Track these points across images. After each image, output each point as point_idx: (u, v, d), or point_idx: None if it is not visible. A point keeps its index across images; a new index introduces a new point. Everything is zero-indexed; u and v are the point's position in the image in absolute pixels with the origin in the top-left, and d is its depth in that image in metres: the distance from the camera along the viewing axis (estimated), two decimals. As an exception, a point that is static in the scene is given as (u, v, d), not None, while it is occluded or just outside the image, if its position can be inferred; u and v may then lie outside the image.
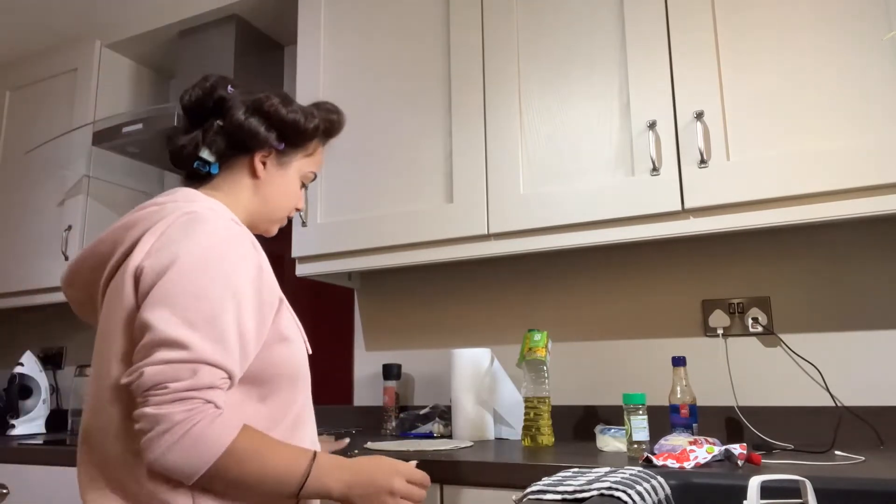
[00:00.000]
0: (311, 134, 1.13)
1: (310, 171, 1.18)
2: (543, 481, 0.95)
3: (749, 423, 1.57)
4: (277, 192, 1.13)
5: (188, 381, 0.83)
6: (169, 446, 0.82)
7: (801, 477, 0.86)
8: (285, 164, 1.13)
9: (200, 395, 0.84)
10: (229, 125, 1.07)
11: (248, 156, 1.09)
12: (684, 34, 1.48)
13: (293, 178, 1.15)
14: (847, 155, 1.29)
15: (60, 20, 2.47)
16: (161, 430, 0.82)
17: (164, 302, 0.86)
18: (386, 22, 1.88)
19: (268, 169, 1.11)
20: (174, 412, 0.82)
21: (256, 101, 1.08)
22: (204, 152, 1.07)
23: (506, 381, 1.73)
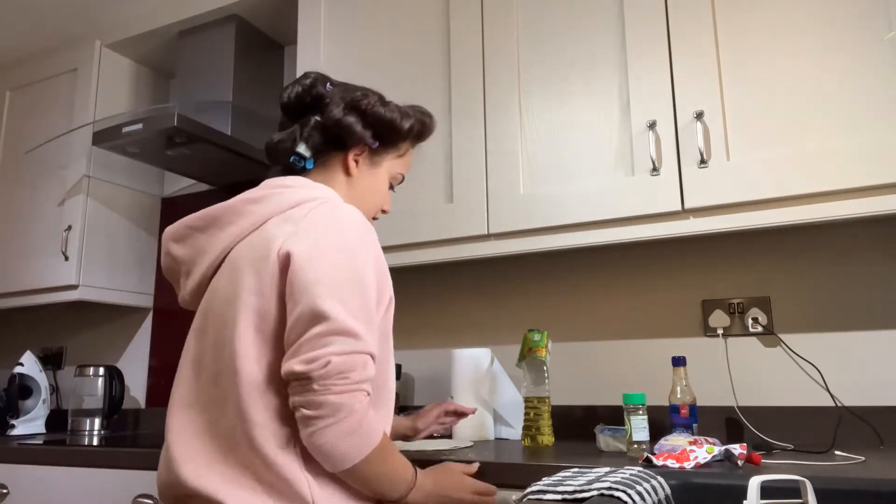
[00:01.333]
0: (405, 134, 1.16)
1: (399, 173, 1.20)
2: (543, 481, 0.95)
3: (749, 423, 1.57)
4: (369, 190, 1.15)
5: (363, 372, 0.89)
6: (345, 434, 0.87)
7: (801, 477, 0.86)
8: (377, 163, 1.16)
9: (367, 388, 0.90)
10: (326, 121, 1.09)
11: (343, 153, 1.12)
12: (684, 34, 1.48)
13: (383, 178, 1.17)
14: (847, 155, 1.29)
15: (60, 20, 2.47)
16: (341, 418, 0.87)
17: (334, 293, 0.90)
18: (386, 22, 1.88)
19: (360, 167, 1.13)
20: (353, 403, 0.88)
21: (354, 99, 1.11)
22: (301, 147, 1.10)
23: (506, 381, 1.73)
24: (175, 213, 2.61)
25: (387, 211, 1.22)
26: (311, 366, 0.87)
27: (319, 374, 0.86)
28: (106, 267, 2.38)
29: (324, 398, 0.86)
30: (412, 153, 1.24)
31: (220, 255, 1.01)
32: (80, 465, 1.73)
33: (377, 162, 1.16)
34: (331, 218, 0.97)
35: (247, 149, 2.15)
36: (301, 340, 0.89)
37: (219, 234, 1.02)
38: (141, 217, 2.55)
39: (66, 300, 2.31)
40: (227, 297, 0.97)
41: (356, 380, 0.88)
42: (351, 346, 0.89)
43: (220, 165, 2.23)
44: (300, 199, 1.01)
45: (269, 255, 0.94)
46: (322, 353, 0.87)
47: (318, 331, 0.88)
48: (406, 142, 1.19)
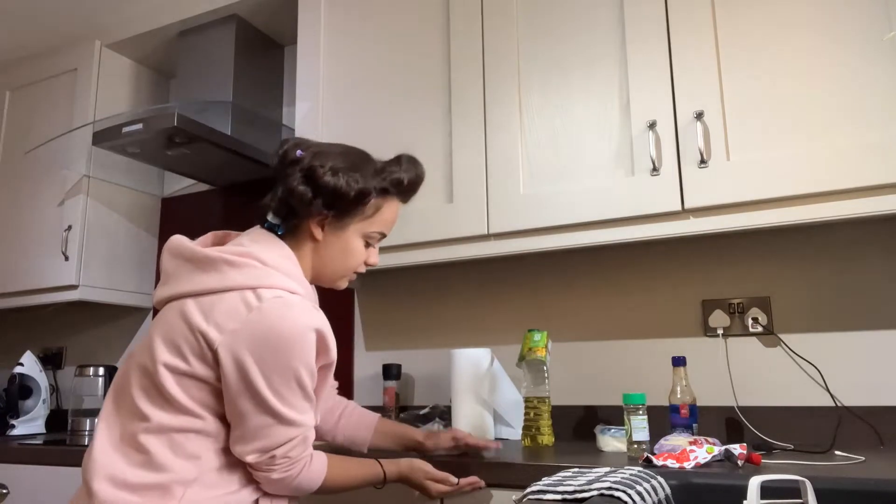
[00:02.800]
0: (355, 200, 1.13)
1: (374, 232, 1.19)
2: (543, 481, 0.95)
3: (749, 423, 1.57)
4: (335, 254, 1.17)
5: (305, 450, 1.06)
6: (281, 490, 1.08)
7: (801, 477, 0.86)
8: (342, 227, 1.16)
9: (308, 454, 1.07)
10: (284, 192, 1.12)
11: (306, 220, 1.14)
12: (684, 34, 1.48)
13: (351, 241, 1.17)
14: (847, 155, 1.29)
15: (60, 20, 2.47)
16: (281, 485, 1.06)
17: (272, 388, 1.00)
18: (386, 22, 1.88)
19: (326, 232, 1.15)
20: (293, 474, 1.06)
21: (310, 169, 1.11)
22: (270, 215, 1.15)
23: (506, 381, 1.73)
24: (175, 213, 2.61)
25: (372, 264, 1.23)
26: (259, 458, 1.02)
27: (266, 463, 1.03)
28: (106, 267, 2.38)
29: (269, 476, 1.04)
30: (393, 207, 1.21)
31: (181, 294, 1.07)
32: (80, 466, 1.73)
33: (342, 227, 1.16)
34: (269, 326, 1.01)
35: (247, 149, 2.15)
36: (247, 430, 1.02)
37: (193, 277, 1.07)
38: (141, 217, 2.55)
39: (66, 300, 2.31)
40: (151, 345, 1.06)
41: (298, 457, 1.05)
42: (293, 433, 1.03)
43: (220, 165, 2.24)
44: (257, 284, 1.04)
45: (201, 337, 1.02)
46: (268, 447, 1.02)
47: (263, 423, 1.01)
48: (367, 205, 1.16)
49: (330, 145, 1.19)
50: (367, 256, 1.21)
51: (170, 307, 1.07)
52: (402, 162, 1.21)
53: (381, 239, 1.21)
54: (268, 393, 1.00)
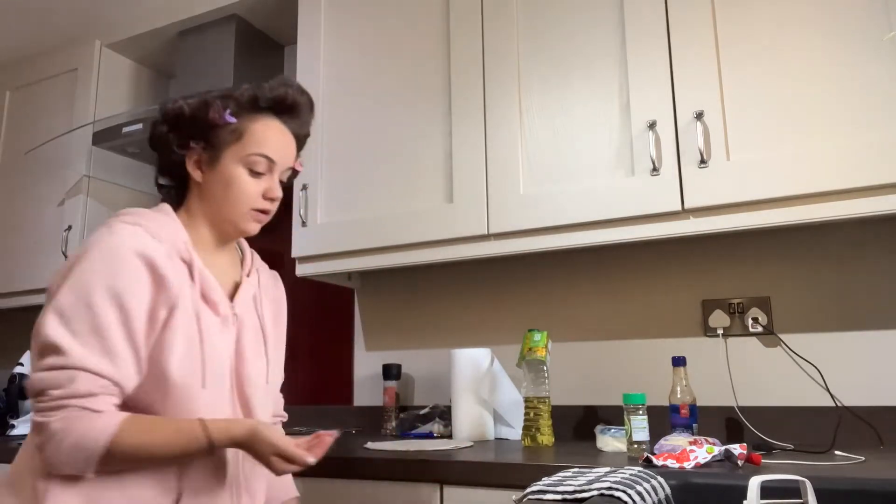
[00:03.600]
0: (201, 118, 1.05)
1: (250, 155, 1.06)
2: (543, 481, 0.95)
3: (749, 423, 1.57)
4: (219, 190, 1.07)
5: (65, 388, 0.88)
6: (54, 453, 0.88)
7: (801, 477, 0.86)
8: (214, 158, 1.07)
9: (77, 403, 0.88)
10: (151, 142, 1.10)
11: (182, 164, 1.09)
12: (684, 34, 1.48)
13: (230, 171, 1.06)
14: (847, 155, 1.29)
15: (60, 20, 2.47)
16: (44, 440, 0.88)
17: (56, 308, 0.90)
18: (386, 22, 1.88)
19: (203, 170, 1.08)
20: (51, 421, 0.88)
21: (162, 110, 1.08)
22: (159, 178, 1.13)
23: (506, 381, 1.73)
24: (175, 213, 2.61)
25: (272, 197, 1.09)
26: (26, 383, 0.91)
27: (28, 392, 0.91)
28: (106, 267, 2.37)
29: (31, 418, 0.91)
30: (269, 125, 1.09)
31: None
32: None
33: (216, 159, 1.07)
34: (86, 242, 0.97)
35: (247, 149, 2.15)
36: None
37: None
38: (141, 217, 2.55)
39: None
40: None
41: (54, 397, 0.88)
42: (53, 361, 0.89)
43: (220, 165, 2.23)
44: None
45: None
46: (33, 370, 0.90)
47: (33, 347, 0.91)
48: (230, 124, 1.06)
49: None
50: (261, 188, 1.08)
51: None
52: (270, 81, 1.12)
53: (269, 165, 1.08)
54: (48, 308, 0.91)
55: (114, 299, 0.92)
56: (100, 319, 0.90)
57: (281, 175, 1.11)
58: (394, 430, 1.90)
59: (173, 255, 0.99)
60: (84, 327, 0.90)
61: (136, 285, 0.93)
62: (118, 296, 0.92)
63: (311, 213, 1.88)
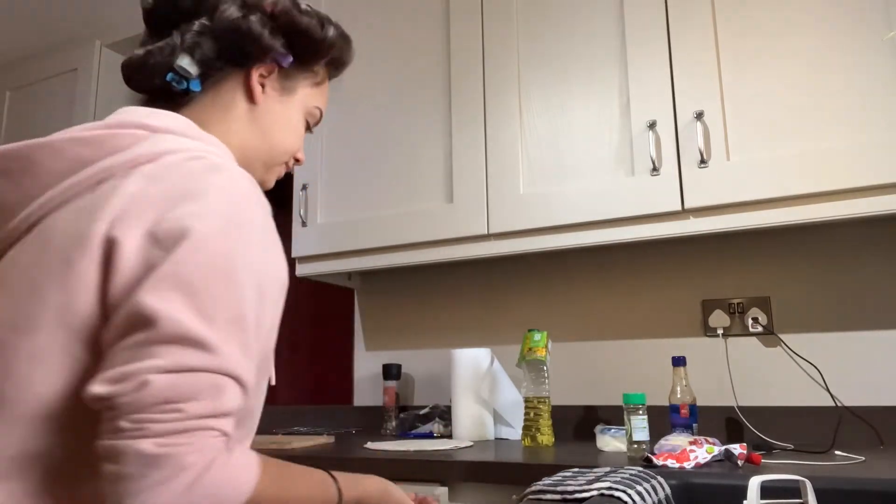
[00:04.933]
0: (326, 48, 0.89)
1: (315, 106, 0.92)
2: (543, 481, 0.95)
3: (749, 423, 1.57)
4: (278, 123, 0.87)
5: (209, 401, 0.57)
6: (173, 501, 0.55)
7: (801, 477, 0.86)
8: (290, 88, 0.88)
9: (218, 426, 0.58)
10: (219, 24, 0.79)
11: (243, 71, 0.83)
12: (684, 34, 1.48)
13: (297, 110, 0.89)
14: (847, 155, 1.29)
15: (60, 20, 2.47)
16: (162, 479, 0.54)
17: (178, 285, 0.59)
18: (386, 22, 1.88)
19: (267, 92, 0.85)
20: (183, 452, 0.55)
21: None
22: (183, 59, 0.78)
23: (506, 381, 1.73)
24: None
25: (300, 160, 0.93)
26: (115, 388, 0.55)
27: (128, 401, 0.55)
28: (106, 267, 2.38)
29: (129, 445, 0.54)
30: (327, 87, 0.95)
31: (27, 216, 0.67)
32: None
33: (290, 87, 0.87)
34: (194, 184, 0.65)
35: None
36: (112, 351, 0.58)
37: (29, 184, 0.67)
38: (141, 217, 2.55)
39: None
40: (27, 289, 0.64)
41: (193, 414, 0.56)
42: (193, 360, 0.57)
43: (220, 165, 2.23)
44: (164, 150, 0.68)
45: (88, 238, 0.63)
46: (134, 370, 0.56)
47: (139, 337, 0.57)
48: (323, 64, 0.91)
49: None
50: (301, 143, 0.92)
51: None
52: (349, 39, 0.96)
53: (318, 120, 0.94)
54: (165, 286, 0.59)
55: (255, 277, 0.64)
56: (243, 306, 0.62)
57: None
58: (394, 430, 1.90)
59: None
60: (225, 315, 0.60)
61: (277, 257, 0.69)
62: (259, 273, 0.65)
63: (310, 213, 1.88)
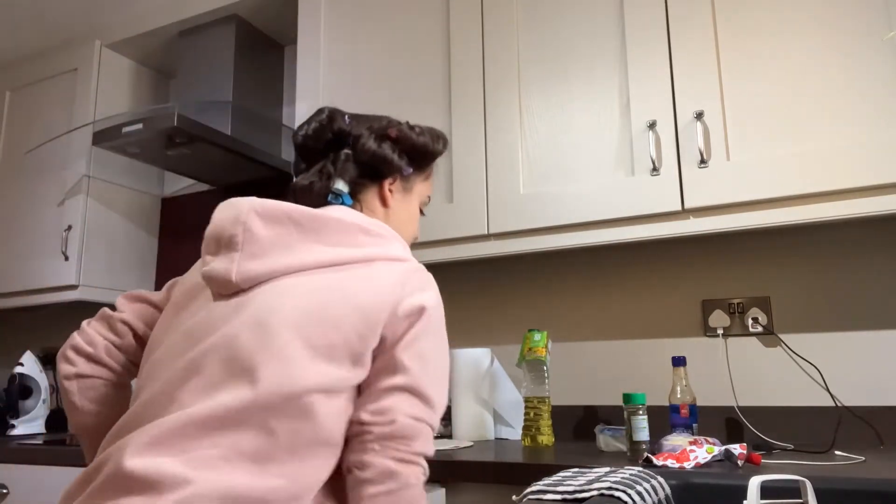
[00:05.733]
0: (434, 157, 1.11)
1: (427, 195, 1.15)
2: (543, 481, 0.95)
3: (749, 423, 1.57)
4: (404, 218, 1.09)
5: (425, 446, 0.84)
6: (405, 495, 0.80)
7: (801, 477, 0.86)
8: (409, 189, 1.10)
9: (423, 463, 0.84)
10: (360, 154, 1.04)
11: (377, 184, 1.06)
12: (684, 34, 1.48)
13: (415, 203, 1.12)
14: (847, 155, 1.29)
15: (60, 20, 2.47)
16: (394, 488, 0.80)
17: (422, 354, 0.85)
18: (386, 22, 1.88)
19: (394, 196, 1.08)
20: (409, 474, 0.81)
21: (382, 128, 1.06)
22: (338, 183, 1.03)
23: (506, 381, 1.73)
24: (175, 213, 2.61)
25: (418, 238, 1.17)
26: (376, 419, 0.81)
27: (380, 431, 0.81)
28: (106, 267, 2.38)
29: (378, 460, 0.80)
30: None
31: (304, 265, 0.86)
32: (80, 465, 1.73)
33: (409, 188, 1.10)
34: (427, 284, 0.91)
35: (247, 149, 2.15)
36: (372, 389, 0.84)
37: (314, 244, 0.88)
38: (141, 217, 2.55)
39: (66, 300, 2.31)
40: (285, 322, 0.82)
41: (416, 451, 0.82)
42: (423, 413, 0.84)
43: (220, 165, 2.23)
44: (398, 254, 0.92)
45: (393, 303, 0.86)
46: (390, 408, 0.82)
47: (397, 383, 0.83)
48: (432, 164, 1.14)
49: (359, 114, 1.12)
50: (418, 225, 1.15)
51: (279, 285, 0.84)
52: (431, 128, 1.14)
53: (427, 203, 1.17)
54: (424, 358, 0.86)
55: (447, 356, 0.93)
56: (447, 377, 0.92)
57: None
58: (394, 430, 1.90)
59: None
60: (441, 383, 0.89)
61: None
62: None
63: (311, 213, 1.88)
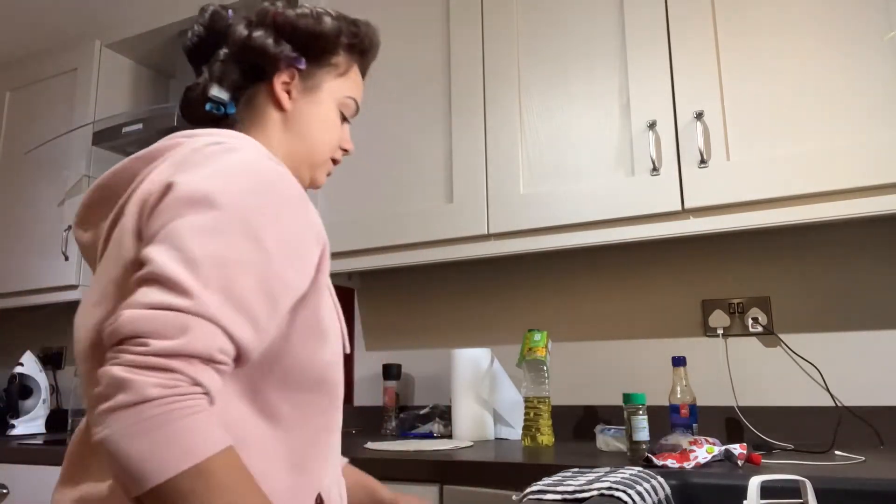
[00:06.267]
0: (331, 39, 0.91)
1: (347, 97, 0.94)
2: (543, 481, 0.95)
3: (749, 423, 1.57)
4: (313, 122, 0.90)
5: (175, 340, 0.59)
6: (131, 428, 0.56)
7: (801, 477, 0.86)
8: (314, 87, 0.91)
9: (186, 370, 0.59)
10: (234, 48, 0.87)
11: (268, 84, 0.88)
12: (684, 34, 1.48)
13: (328, 104, 0.92)
14: (847, 155, 1.29)
15: (60, 20, 2.47)
16: (125, 402, 0.57)
17: (169, 237, 0.64)
18: (386, 22, 1.88)
19: (294, 97, 0.90)
20: (148, 381, 0.57)
21: (259, 13, 0.89)
22: (213, 88, 0.87)
23: (506, 381, 1.73)
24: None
25: (348, 150, 0.96)
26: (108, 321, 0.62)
27: (108, 333, 0.61)
28: (106, 267, 2.37)
29: (106, 368, 0.59)
30: (358, 73, 0.97)
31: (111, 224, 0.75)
32: (80, 465, 1.73)
33: (314, 86, 0.90)
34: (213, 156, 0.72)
35: (247, 149, 2.15)
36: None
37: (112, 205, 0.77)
38: (141, 217, 2.55)
39: (66, 300, 2.31)
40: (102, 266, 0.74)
41: (158, 350, 0.58)
42: (163, 298, 0.60)
43: (220, 165, 2.23)
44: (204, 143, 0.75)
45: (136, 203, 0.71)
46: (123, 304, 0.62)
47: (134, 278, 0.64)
48: (340, 55, 0.93)
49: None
50: (341, 135, 0.94)
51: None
52: (360, 22, 0.96)
53: (355, 112, 0.96)
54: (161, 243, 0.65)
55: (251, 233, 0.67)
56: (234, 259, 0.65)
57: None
58: (394, 431, 1.90)
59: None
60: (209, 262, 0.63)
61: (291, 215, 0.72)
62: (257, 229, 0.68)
63: (311, 213, 1.87)
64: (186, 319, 0.60)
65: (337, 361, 0.78)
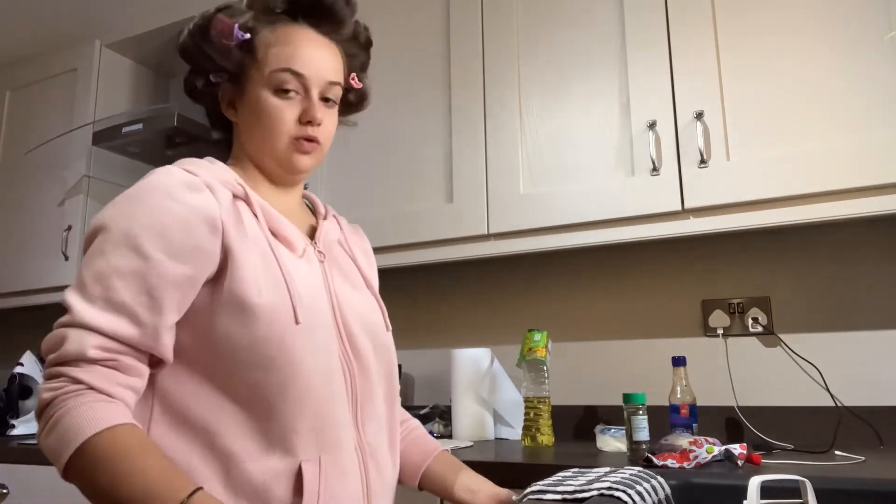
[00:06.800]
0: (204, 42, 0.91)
1: (272, 72, 0.88)
2: (543, 481, 0.95)
3: (749, 423, 1.57)
4: (252, 117, 0.90)
5: (57, 351, 0.73)
6: (42, 429, 0.72)
7: (801, 477, 0.86)
8: (245, 90, 0.91)
9: (66, 371, 0.71)
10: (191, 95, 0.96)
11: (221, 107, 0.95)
12: (684, 34, 1.48)
13: (256, 93, 0.89)
14: (847, 155, 1.29)
15: (60, 20, 2.47)
16: (37, 411, 0.73)
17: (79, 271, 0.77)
18: (386, 22, 1.88)
19: (238, 109, 0.93)
20: (44, 389, 0.72)
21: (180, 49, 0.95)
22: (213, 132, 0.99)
23: (506, 381, 1.73)
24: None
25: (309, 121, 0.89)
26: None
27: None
28: (106, 267, 2.37)
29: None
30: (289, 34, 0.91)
31: None
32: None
33: (244, 89, 0.91)
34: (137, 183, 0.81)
35: (247, 149, 2.15)
36: None
37: None
38: (141, 217, 2.55)
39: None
40: None
41: (50, 361, 0.73)
42: (63, 318, 0.74)
43: (220, 165, 2.23)
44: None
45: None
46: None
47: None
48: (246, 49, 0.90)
49: None
50: (296, 112, 0.89)
51: None
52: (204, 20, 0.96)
53: (299, 82, 0.89)
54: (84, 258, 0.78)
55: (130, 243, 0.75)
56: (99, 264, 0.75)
57: (326, 92, 0.91)
58: (394, 430, 1.90)
59: (218, 188, 0.82)
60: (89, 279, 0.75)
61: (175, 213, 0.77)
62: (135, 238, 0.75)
63: (311, 213, 1.88)
64: (64, 332, 0.73)
65: (276, 337, 0.78)
